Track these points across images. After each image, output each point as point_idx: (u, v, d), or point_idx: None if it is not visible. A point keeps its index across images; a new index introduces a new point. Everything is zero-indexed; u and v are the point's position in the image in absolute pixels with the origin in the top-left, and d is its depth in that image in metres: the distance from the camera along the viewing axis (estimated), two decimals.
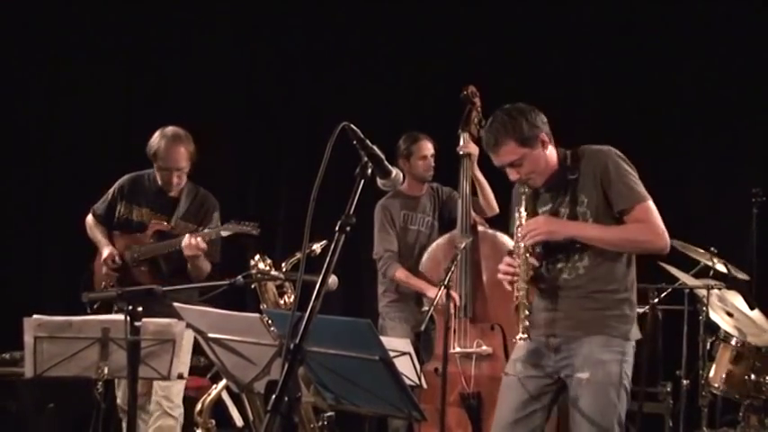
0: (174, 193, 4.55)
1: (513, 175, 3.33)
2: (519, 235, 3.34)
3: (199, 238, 4.31)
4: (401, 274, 4.87)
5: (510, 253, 3.41)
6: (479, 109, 4.83)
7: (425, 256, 4.83)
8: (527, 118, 3.29)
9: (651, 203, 3.29)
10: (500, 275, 3.40)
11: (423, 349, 4.57)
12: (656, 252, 3.35)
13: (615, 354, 3.29)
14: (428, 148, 5.04)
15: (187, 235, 4.35)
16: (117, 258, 4.47)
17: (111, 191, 4.62)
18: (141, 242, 4.49)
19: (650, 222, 3.27)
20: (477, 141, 4.85)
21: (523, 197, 3.38)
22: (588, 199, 3.29)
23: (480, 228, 4.69)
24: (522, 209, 3.35)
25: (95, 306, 4.08)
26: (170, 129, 4.49)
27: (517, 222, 3.38)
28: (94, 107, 6.57)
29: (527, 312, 3.30)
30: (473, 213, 4.72)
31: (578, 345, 3.30)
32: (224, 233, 4.41)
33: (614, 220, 3.30)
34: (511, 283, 3.35)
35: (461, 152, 4.78)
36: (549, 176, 3.36)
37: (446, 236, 4.82)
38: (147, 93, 6.57)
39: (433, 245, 4.84)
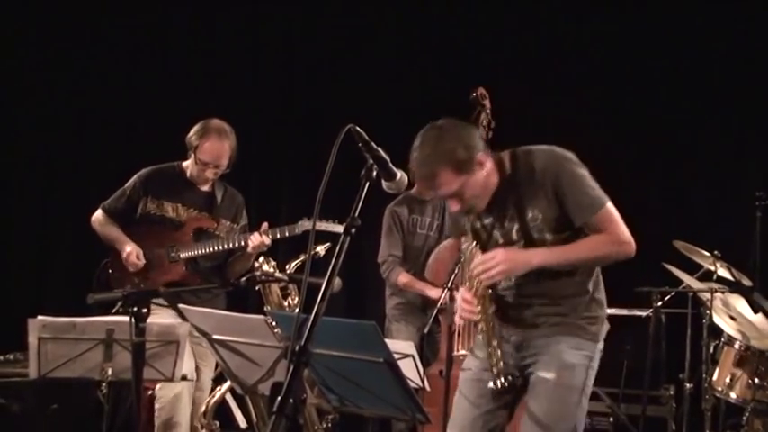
0: (206, 188, 4.43)
1: (454, 206, 2.99)
2: (473, 271, 2.97)
3: (265, 236, 4.21)
4: (404, 278, 4.89)
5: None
6: (489, 111, 4.78)
7: (432, 258, 4.84)
8: (461, 140, 2.89)
9: (610, 206, 2.99)
10: (459, 318, 3.12)
11: (428, 351, 4.56)
12: (624, 259, 3.04)
13: (584, 358, 3.04)
14: None
15: (256, 234, 4.22)
16: (141, 256, 4.30)
17: (130, 186, 4.41)
18: (179, 240, 4.33)
19: (613, 232, 2.97)
20: (488, 143, 4.82)
21: (466, 223, 3.10)
22: (542, 214, 2.97)
23: None
24: (469, 238, 3.07)
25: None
26: (216, 122, 4.34)
27: (467, 253, 3.06)
28: (97, 105, 6.58)
29: (499, 353, 3.01)
30: None
31: (545, 342, 3.03)
32: (297, 231, 4.26)
33: (573, 231, 3.01)
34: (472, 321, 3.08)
35: None
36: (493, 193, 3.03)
37: (453, 238, 4.82)
38: (151, 90, 6.57)
39: (440, 246, 4.85)
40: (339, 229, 4.27)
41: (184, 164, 4.45)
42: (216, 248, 4.32)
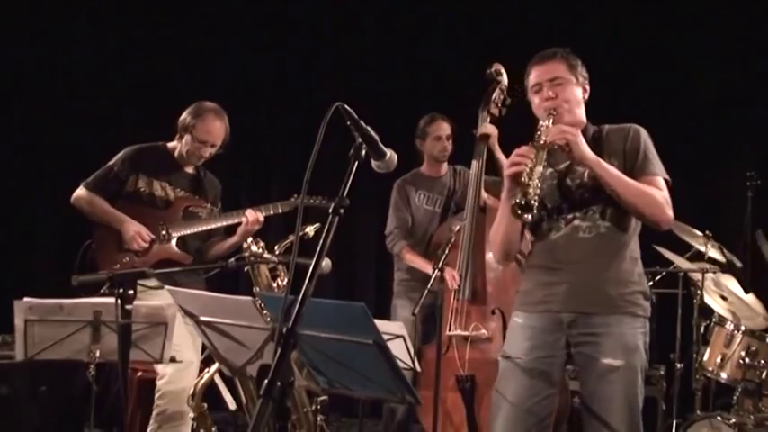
0: (191, 170, 4.44)
1: (546, 91, 3.16)
2: (541, 130, 3.06)
3: (258, 213, 4.27)
4: (406, 251, 4.87)
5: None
6: (504, 88, 4.57)
7: (440, 230, 4.81)
8: (581, 61, 3.32)
9: (665, 181, 3.17)
10: (509, 170, 3.05)
11: (432, 330, 4.51)
12: (659, 224, 3.12)
13: (642, 336, 3.11)
14: (443, 128, 4.97)
15: (250, 210, 4.27)
16: (147, 234, 4.25)
17: (118, 163, 4.35)
18: (169, 219, 4.31)
19: (665, 194, 3.14)
20: (498, 122, 4.71)
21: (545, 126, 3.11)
22: (618, 162, 3.13)
23: (492, 204, 4.50)
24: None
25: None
26: (210, 103, 4.38)
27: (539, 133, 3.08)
28: (85, 89, 6.53)
29: (537, 182, 2.95)
30: (484, 195, 4.60)
31: (603, 323, 3.06)
32: (287, 208, 4.38)
33: None
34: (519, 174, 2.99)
35: (478, 134, 4.66)
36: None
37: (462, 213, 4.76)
38: (138, 75, 6.52)
39: (450, 220, 4.81)
40: (324, 204, 4.32)
41: (170, 145, 4.44)
42: (210, 226, 4.35)
